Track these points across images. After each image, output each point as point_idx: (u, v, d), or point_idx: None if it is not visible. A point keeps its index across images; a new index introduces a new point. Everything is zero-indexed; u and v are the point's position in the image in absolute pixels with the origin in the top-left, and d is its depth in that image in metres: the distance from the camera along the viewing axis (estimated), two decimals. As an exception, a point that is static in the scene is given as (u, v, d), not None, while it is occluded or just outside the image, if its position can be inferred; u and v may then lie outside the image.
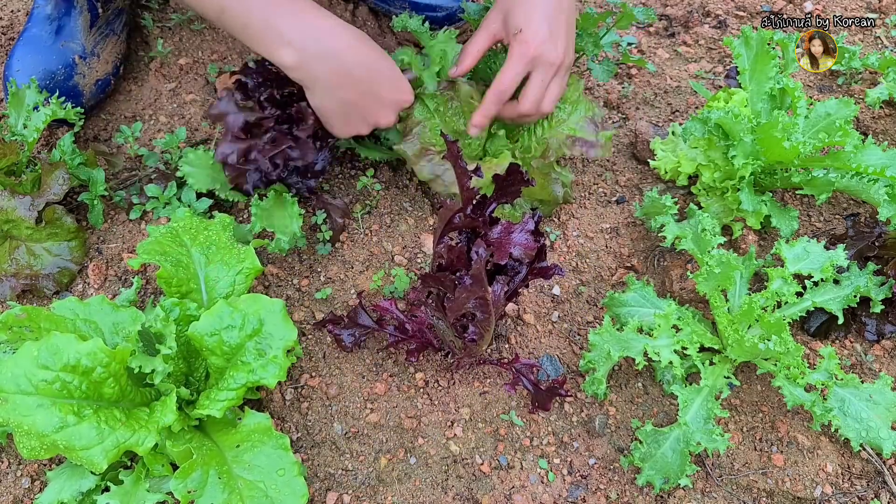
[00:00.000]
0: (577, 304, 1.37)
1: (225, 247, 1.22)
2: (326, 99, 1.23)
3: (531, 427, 1.23)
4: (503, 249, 1.05)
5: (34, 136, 1.34)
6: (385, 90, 1.25)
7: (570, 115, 1.40)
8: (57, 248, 1.33)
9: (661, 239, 1.39)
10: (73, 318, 1.11)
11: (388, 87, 1.26)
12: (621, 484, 1.18)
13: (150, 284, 1.35)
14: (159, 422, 1.01)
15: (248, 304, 1.09)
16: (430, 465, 1.19)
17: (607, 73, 1.57)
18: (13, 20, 1.72)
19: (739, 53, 1.42)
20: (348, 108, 1.24)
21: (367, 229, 1.44)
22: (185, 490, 0.97)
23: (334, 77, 1.19)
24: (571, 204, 1.49)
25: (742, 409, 1.25)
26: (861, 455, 1.21)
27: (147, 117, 1.58)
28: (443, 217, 1.09)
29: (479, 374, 1.27)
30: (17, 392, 0.95)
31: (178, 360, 1.12)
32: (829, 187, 1.34)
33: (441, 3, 1.67)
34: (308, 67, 1.18)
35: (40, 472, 1.15)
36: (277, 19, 1.15)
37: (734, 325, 1.19)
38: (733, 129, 1.33)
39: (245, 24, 1.16)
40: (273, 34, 1.15)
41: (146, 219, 1.43)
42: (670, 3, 1.91)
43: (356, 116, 1.26)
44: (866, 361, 1.31)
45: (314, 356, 1.28)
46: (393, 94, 1.27)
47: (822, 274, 1.23)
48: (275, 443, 1.05)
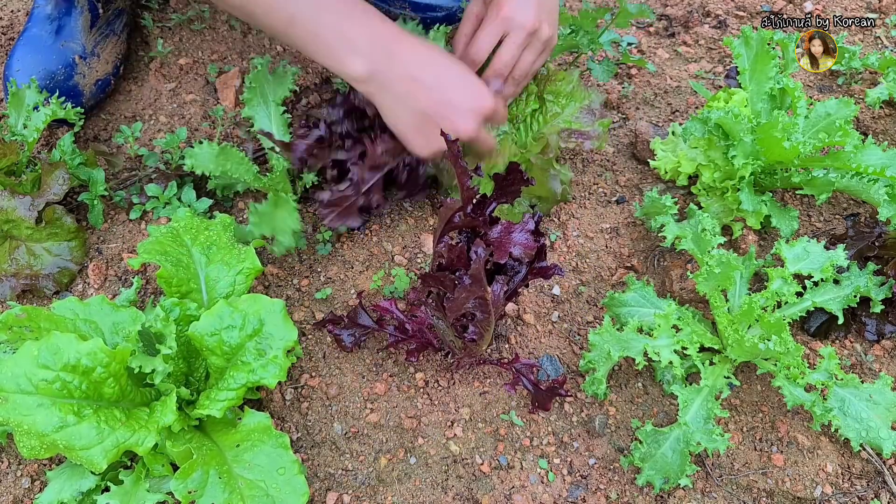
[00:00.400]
0: (577, 304, 1.37)
1: (225, 247, 1.22)
2: (399, 110, 1.19)
3: (531, 427, 1.23)
4: (503, 249, 1.05)
5: (34, 136, 1.35)
6: (459, 96, 1.20)
7: (564, 107, 1.40)
8: (57, 248, 1.33)
9: (661, 239, 1.39)
10: (73, 318, 1.11)
11: (463, 92, 1.20)
12: (621, 484, 1.18)
13: (150, 284, 1.35)
14: (159, 422, 1.01)
15: (249, 304, 1.09)
16: (430, 465, 1.19)
17: (607, 73, 1.58)
18: (13, 20, 1.72)
19: (739, 53, 1.42)
20: (423, 120, 1.20)
21: (368, 229, 1.44)
22: (186, 490, 0.97)
23: (404, 84, 1.16)
24: (570, 202, 1.49)
25: (742, 409, 1.25)
26: (861, 455, 1.21)
27: (147, 117, 1.58)
28: (443, 216, 1.09)
29: (479, 374, 1.27)
30: (18, 391, 0.95)
31: (178, 360, 1.12)
32: (829, 187, 1.34)
33: (441, 2, 1.67)
34: (378, 76, 1.15)
35: (40, 471, 1.16)
36: (349, 27, 1.13)
37: (734, 325, 1.19)
38: (733, 129, 1.33)
39: (315, 32, 1.14)
40: (344, 42, 1.13)
41: (146, 219, 1.43)
42: (670, 3, 1.91)
43: (432, 128, 1.18)
44: (866, 361, 1.31)
45: (314, 356, 1.28)
46: (469, 100, 1.21)
47: (822, 274, 1.23)
48: (275, 442, 1.05)
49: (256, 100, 1.45)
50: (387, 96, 1.18)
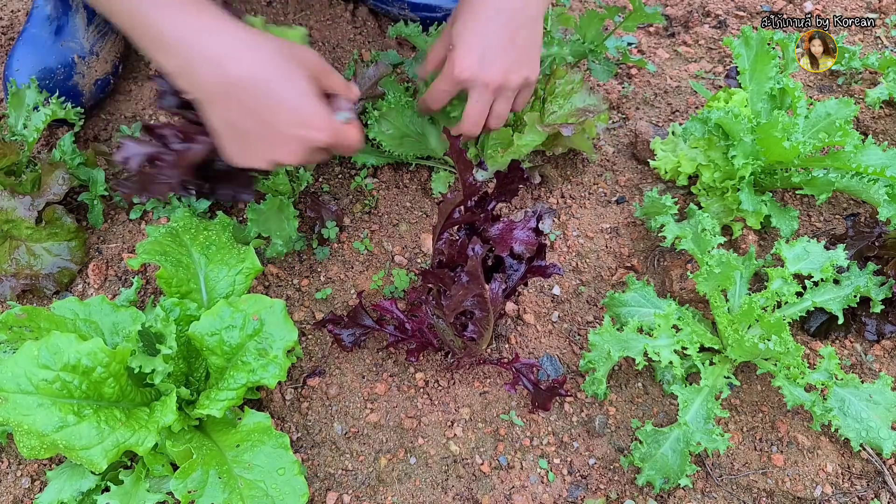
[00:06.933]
0: (577, 304, 1.37)
1: (225, 247, 1.22)
2: (213, 118, 1.01)
3: (531, 427, 1.23)
4: (504, 244, 1.05)
5: (34, 136, 1.35)
6: (283, 121, 0.99)
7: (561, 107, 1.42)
8: (57, 248, 1.33)
9: (661, 239, 1.39)
10: (73, 318, 1.11)
11: (288, 118, 0.99)
12: (621, 484, 1.18)
13: (150, 284, 1.35)
14: (159, 422, 1.01)
15: (249, 304, 1.09)
16: (430, 465, 1.19)
17: (607, 73, 1.57)
18: (13, 20, 1.72)
19: (739, 53, 1.42)
20: (238, 135, 1.01)
21: (368, 229, 1.44)
22: (186, 490, 0.97)
23: (218, 94, 0.97)
24: (570, 203, 1.49)
25: (742, 409, 1.25)
26: (861, 455, 1.21)
27: (147, 117, 1.58)
28: (443, 211, 1.08)
29: (479, 374, 1.27)
30: (18, 391, 0.95)
31: (178, 360, 1.12)
32: (829, 187, 1.34)
33: (440, 3, 1.67)
34: (189, 77, 0.97)
35: (40, 471, 1.15)
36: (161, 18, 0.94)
37: (734, 325, 1.19)
38: (733, 129, 1.33)
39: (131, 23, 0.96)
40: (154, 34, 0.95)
41: (146, 219, 1.43)
42: (670, 3, 1.91)
43: (249, 146, 1.02)
44: (866, 361, 1.31)
45: (314, 356, 1.28)
46: (295, 127, 0.99)
47: (822, 274, 1.23)
48: (275, 442, 1.05)
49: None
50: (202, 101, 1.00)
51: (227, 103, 0.97)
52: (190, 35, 0.94)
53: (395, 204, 1.48)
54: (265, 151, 1.02)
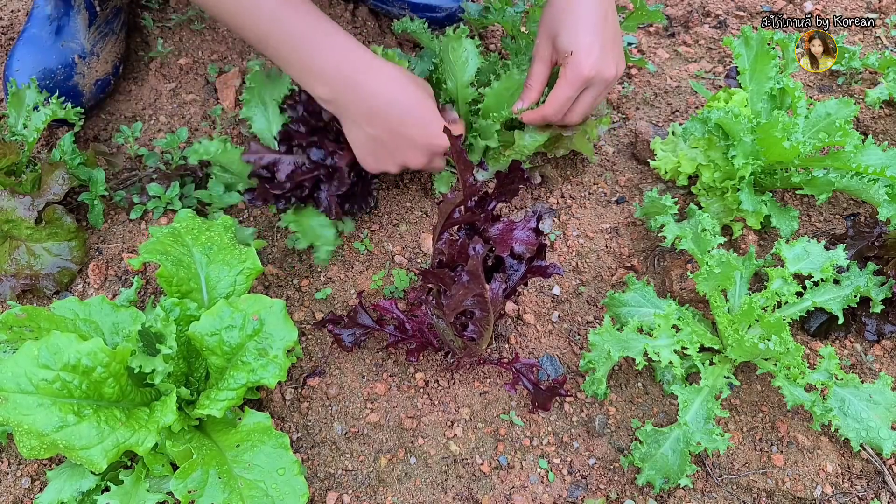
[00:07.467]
0: (577, 304, 1.37)
1: (227, 247, 1.22)
2: (356, 133, 1.25)
3: (531, 427, 1.23)
4: (505, 243, 1.05)
5: (34, 136, 1.35)
6: (415, 132, 1.25)
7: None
8: (57, 248, 1.33)
9: (661, 239, 1.39)
10: (73, 318, 1.11)
11: (419, 130, 1.25)
12: (621, 484, 1.18)
13: (150, 284, 1.35)
14: (159, 422, 1.01)
15: (249, 303, 1.09)
16: (430, 465, 1.19)
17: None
18: (13, 20, 1.72)
19: (739, 53, 1.42)
20: (376, 145, 1.25)
21: (368, 229, 1.44)
22: (186, 490, 0.97)
23: (363, 113, 1.22)
24: (570, 204, 1.49)
25: (742, 409, 1.25)
26: (861, 455, 1.21)
27: (147, 117, 1.58)
28: (443, 211, 1.09)
29: (479, 374, 1.27)
30: (18, 391, 0.95)
31: (178, 360, 1.12)
32: (829, 187, 1.34)
33: (441, 3, 1.67)
34: (339, 101, 1.22)
35: (40, 471, 1.16)
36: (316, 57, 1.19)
37: (734, 325, 1.19)
38: (733, 129, 1.33)
39: (287, 60, 1.20)
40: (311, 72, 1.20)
41: (146, 219, 1.43)
42: (670, 3, 1.91)
43: (384, 154, 1.27)
44: (866, 361, 1.31)
45: (314, 356, 1.28)
46: (424, 137, 1.25)
47: (822, 274, 1.23)
48: (275, 442, 1.05)
49: (255, 100, 1.45)
50: (347, 120, 1.25)
51: (374, 123, 1.22)
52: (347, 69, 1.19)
53: (395, 204, 1.48)
54: (399, 157, 1.27)
